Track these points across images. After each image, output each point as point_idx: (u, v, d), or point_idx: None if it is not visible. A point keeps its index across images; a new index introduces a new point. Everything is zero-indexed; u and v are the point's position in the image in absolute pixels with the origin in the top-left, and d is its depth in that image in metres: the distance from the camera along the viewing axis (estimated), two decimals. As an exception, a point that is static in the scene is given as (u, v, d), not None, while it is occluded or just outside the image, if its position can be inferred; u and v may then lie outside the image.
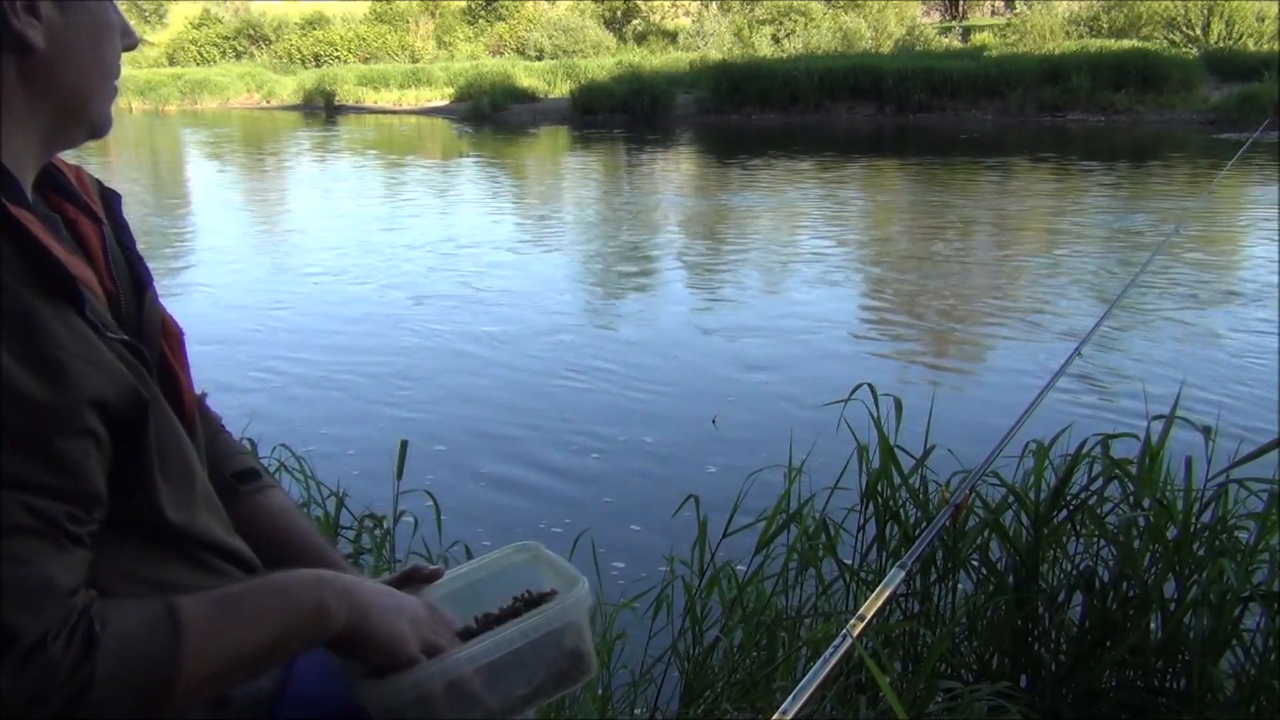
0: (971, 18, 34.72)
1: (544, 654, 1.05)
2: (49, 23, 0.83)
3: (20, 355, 0.75)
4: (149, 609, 0.83)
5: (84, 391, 0.78)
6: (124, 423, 0.83)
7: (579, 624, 1.07)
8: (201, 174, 17.64)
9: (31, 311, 0.77)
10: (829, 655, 1.31)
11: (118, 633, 0.79)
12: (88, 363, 0.79)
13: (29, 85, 0.84)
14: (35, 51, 0.83)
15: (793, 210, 11.93)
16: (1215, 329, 6.53)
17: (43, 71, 0.84)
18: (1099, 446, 2.17)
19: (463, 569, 1.17)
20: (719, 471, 4.34)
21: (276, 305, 7.80)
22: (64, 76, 0.86)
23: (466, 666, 0.99)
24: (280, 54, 37.28)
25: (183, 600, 0.85)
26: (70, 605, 0.78)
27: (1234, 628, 1.85)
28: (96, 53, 0.88)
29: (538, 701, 1.07)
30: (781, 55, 27.52)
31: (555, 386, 5.76)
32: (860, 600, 2.11)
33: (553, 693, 1.08)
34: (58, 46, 0.84)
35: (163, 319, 0.98)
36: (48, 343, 0.77)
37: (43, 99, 0.86)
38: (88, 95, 0.89)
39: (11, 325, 0.75)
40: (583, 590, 1.07)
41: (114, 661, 0.78)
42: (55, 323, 0.78)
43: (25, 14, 0.82)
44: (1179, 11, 25.35)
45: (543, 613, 1.04)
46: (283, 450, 2.74)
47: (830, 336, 6.65)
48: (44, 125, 0.87)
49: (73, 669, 0.77)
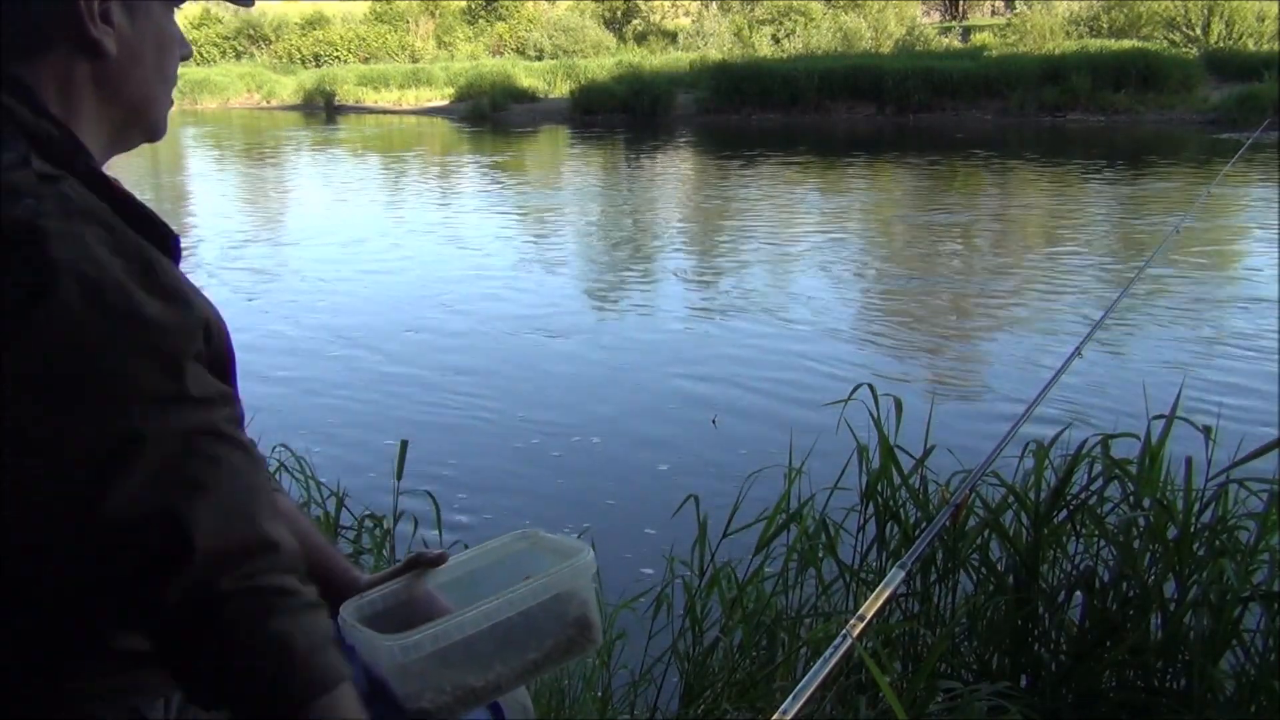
0: (971, 18, 34.67)
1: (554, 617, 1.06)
2: (120, 31, 0.89)
3: (149, 287, 0.79)
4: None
5: (202, 310, 0.84)
6: (216, 358, 0.87)
7: (587, 590, 1.08)
8: (202, 174, 17.63)
9: (145, 248, 0.82)
10: (829, 655, 1.31)
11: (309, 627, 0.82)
12: (195, 291, 0.86)
13: (100, 89, 0.90)
14: (107, 57, 0.88)
15: (793, 210, 11.93)
16: (1215, 329, 6.53)
17: (113, 76, 0.90)
18: (1099, 446, 2.17)
19: (462, 557, 1.18)
20: (719, 471, 4.34)
21: (276, 305, 7.80)
22: (131, 83, 0.92)
23: (482, 623, 0.99)
24: (280, 54, 37.24)
25: None
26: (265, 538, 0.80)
27: (1234, 628, 1.85)
28: (160, 62, 0.94)
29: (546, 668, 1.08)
30: (781, 55, 27.49)
31: (555, 386, 5.76)
32: (860, 600, 2.11)
33: (560, 660, 1.09)
34: (128, 54, 0.90)
35: None
36: (167, 274, 0.82)
37: (111, 103, 0.91)
38: (151, 101, 0.95)
39: (135, 261, 0.80)
40: (588, 557, 1.07)
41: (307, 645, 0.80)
42: (162, 259, 0.84)
43: (101, 22, 0.87)
44: (1179, 11, 25.31)
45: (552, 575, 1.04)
46: (283, 450, 2.75)
47: (830, 336, 6.65)
48: (110, 127, 0.93)
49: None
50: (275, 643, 0.76)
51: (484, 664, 1.01)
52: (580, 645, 1.09)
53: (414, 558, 1.15)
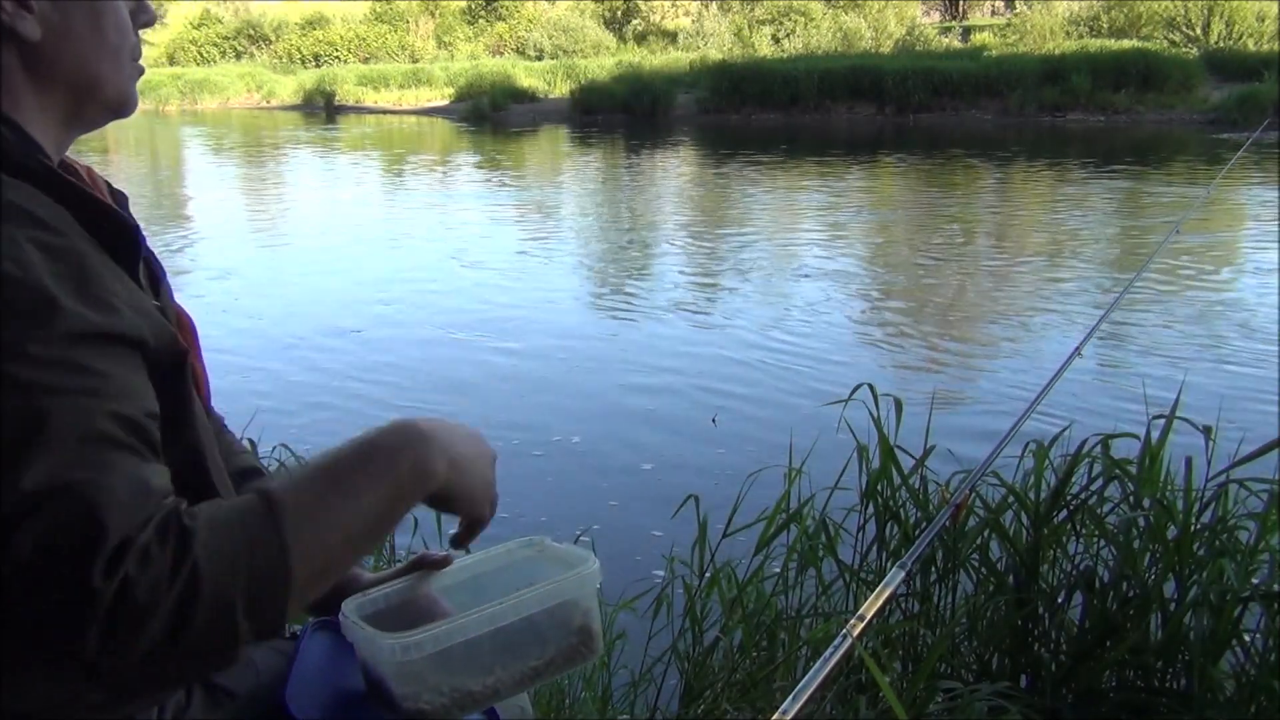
0: (971, 18, 34.68)
1: (558, 625, 1.05)
2: (41, 12, 0.84)
3: (75, 292, 0.76)
4: (237, 500, 0.80)
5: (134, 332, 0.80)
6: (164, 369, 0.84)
7: (590, 599, 1.07)
8: (202, 174, 17.64)
9: (88, 259, 0.79)
10: (829, 655, 1.30)
11: (210, 519, 0.75)
12: (136, 311, 0.81)
13: (33, 74, 0.85)
14: (29, 41, 0.84)
15: (793, 210, 11.93)
16: (1215, 328, 6.53)
17: (45, 59, 0.85)
18: (1099, 446, 2.17)
19: (466, 561, 1.17)
20: (719, 471, 4.34)
21: (276, 305, 7.80)
22: (67, 62, 0.87)
23: (485, 626, 0.98)
24: (280, 54, 37.26)
25: (270, 483, 0.82)
26: (163, 505, 0.75)
27: (1234, 628, 1.85)
28: (99, 34, 0.88)
29: (546, 676, 1.07)
30: (781, 55, 27.50)
31: (554, 386, 5.76)
32: (860, 600, 2.11)
33: (561, 669, 1.08)
34: (55, 33, 0.85)
35: (177, 313, 1.00)
36: (102, 287, 0.79)
37: (50, 87, 0.87)
38: (97, 77, 0.89)
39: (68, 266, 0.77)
40: (594, 567, 1.07)
41: (216, 551, 0.73)
42: (106, 272, 0.81)
43: (13, 5, 0.83)
44: (1179, 11, 25.32)
45: (557, 582, 1.04)
46: (283, 450, 2.75)
47: (830, 336, 6.65)
48: (58, 110, 0.89)
49: (174, 563, 0.72)
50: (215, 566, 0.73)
51: (484, 668, 1.00)
52: (581, 654, 1.08)
53: (418, 558, 1.14)
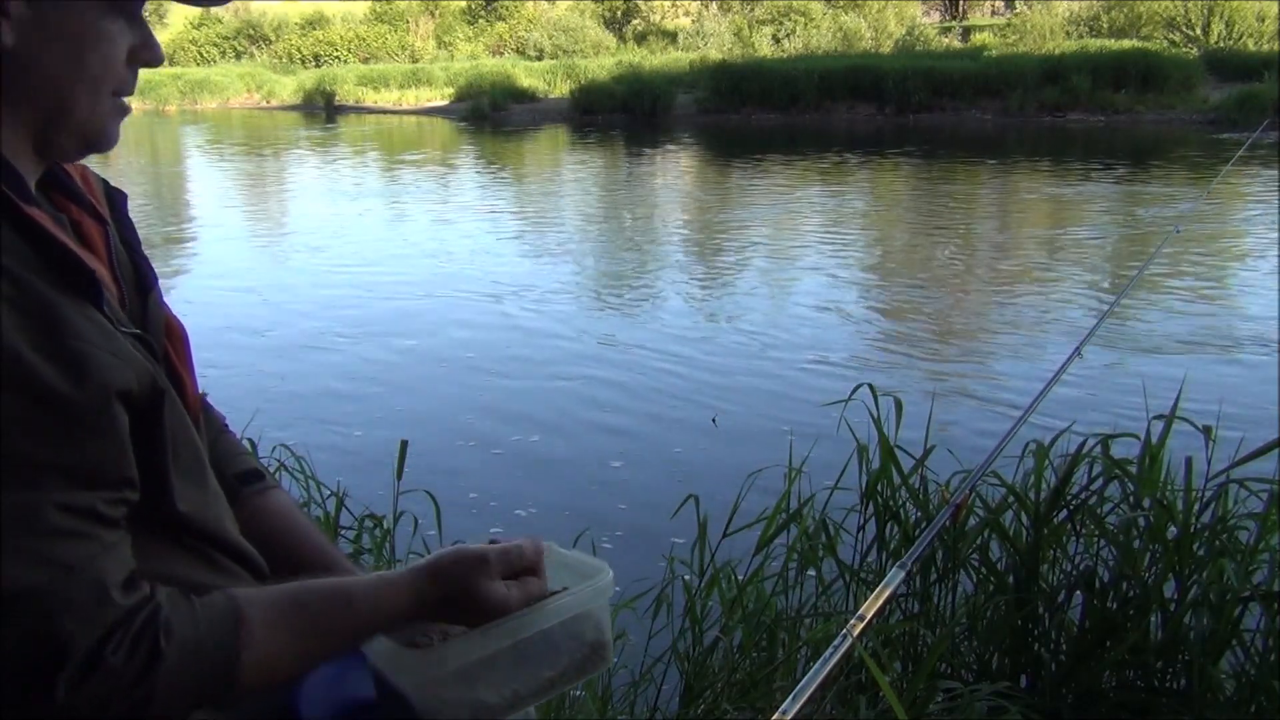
0: (971, 18, 34.65)
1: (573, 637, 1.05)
2: (19, 20, 0.80)
3: (41, 347, 0.74)
4: (214, 611, 0.83)
5: (109, 381, 0.78)
6: (142, 412, 0.83)
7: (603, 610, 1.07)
8: (202, 174, 17.63)
9: (51, 304, 0.77)
10: (829, 655, 1.31)
11: (181, 643, 0.80)
12: (110, 353, 0.79)
13: (7, 85, 0.82)
14: (5, 50, 0.80)
15: (793, 210, 11.93)
16: (1215, 328, 6.53)
17: (17, 69, 0.81)
18: (1099, 446, 2.17)
19: None
20: (719, 471, 4.34)
21: (277, 305, 7.80)
22: (38, 75, 0.82)
23: (505, 640, 0.98)
24: (280, 54, 37.23)
25: (249, 605, 0.85)
26: (126, 607, 0.77)
27: (1234, 628, 1.85)
28: (78, 60, 0.83)
29: (561, 687, 1.07)
30: (781, 55, 27.50)
31: (555, 386, 5.76)
32: (860, 600, 2.11)
33: (574, 679, 1.08)
34: (29, 44, 0.81)
35: (166, 319, 0.98)
36: (70, 334, 0.76)
37: (22, 102, 0.83)
38: (68, 104, 0.84)
39: (31, 318, 0.75)
40: (609, 578, 1.06)
41: (176, 673, 0.79)
42: (75, 315, 0.78)
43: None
44: (1179, 11, 25.32)
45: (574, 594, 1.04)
46: (283, 450, 2.74)
47: (830, 336, 6.65)
48: (31, 129, 0.85)
49: (135, 681, 0.77)
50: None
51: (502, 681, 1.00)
52: (594, 664, 1.08)
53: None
